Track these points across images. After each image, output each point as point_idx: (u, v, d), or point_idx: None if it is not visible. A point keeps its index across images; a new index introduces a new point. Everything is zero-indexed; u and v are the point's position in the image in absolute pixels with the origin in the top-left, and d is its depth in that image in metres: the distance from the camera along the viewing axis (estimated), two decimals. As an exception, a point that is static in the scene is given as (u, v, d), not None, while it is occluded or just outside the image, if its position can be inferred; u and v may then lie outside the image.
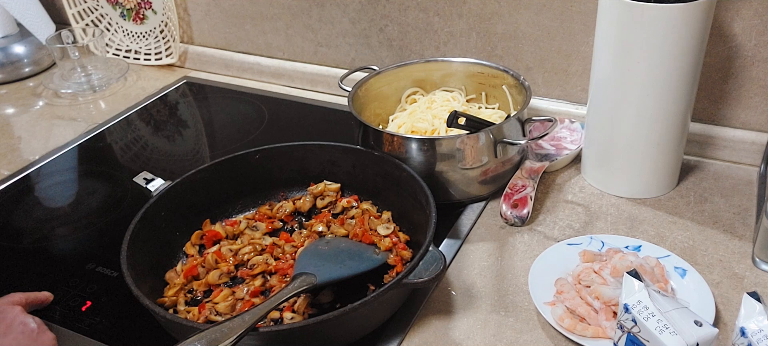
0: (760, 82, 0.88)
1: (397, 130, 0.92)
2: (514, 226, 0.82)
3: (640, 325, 0.56)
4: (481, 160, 0.82)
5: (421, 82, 1.00)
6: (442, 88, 1.00)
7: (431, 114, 0.92)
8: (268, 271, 0.74)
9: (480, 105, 0.98)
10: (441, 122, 0.90)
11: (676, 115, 0.80)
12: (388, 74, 0.98)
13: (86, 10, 1.35)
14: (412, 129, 0.91)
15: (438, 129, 0.89)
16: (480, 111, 0.96)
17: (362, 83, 0.94)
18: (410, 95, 1.00)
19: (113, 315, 0.72)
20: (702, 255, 0.76)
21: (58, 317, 0.72)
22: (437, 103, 0.95)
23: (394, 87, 0.99)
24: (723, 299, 0.69)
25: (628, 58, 0.77)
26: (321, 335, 0.62)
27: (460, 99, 0.97)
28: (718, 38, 0.87)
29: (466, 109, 0.95)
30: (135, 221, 0.72)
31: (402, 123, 0.93)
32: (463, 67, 0.98)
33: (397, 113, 0.98)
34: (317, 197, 0.85)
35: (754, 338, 0.55)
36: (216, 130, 1.13)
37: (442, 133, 0.88)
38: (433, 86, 1.00)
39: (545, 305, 0.68)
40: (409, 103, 0.99)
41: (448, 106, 0.94)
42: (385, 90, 0.98)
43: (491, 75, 0.96)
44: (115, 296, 0.75)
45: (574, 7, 0.94)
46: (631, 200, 0.86)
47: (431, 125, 0.90)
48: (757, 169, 0.90)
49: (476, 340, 0.67)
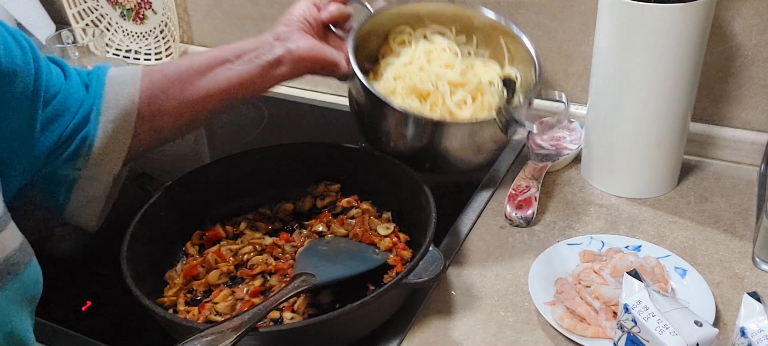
0: (761, 82, 0.88)
1: (394, 85, 0.80)
2: (519, 227, 0.82)
3: (640, 325, 0.56)
4: (489, 142, 0.78)
5: (409, 17, 0.87)
6: (430, 26, 0.87)
7: (434, 73, 0.80)
8: (268, 271, 0.74)
9: (469, 49, 0.89)
10: (445, 85, 0.79)
11: (676, 115, 0.80)
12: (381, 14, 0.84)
13: (86, 10, 1.35)
14: (413, 89, 0.79)
15: (443, 95, 0.79)
16: (471, 60, 0.86)
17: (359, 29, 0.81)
18: (397, 34, 0.87)
19: (113, 315, 0.72)
20: (702, 255, 0.76)
21: (58, 317, 0.72)
22: (436, 55, 0.83)
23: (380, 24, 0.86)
24: (723, 299, 0.69)
25: (628, 58, 0.77)
26: (321, 335, 0.62)
27: (455, 48, 0.85)
28: (718, 38, 0.87)
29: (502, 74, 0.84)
30: (135, 221, 0.72)
31: (398, 75, 0.81)
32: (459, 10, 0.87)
33: (390, 59, 0.85)
34: (317, 197, 0.85)
35: (754, 338, 0.55)
36: (216, 130, 1.13)
37: (447, 100, 0.78)
38: (419, 23, 0.87)
39: (545, 305, 0.68)
40: (397, 44, 0.86)
41: (449, 59, 0.82)
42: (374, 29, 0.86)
43: (490, 25, 0.87)
44: (115, 296, 0.75)
45: (574, 7, 0.94)
46: (631, 200, 0.86)
47: (433, 86, 0.79)
48: (757, 169, 0.90)
49: (476, 340, 0.67)
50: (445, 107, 0.79)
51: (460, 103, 0.79)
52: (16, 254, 0.53)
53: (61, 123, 0.66)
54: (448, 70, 0.81)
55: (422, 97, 0.79)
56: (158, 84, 0.71)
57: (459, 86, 0.80)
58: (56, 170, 0.67)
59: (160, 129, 0.73)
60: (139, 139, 0.71)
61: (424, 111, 0.78)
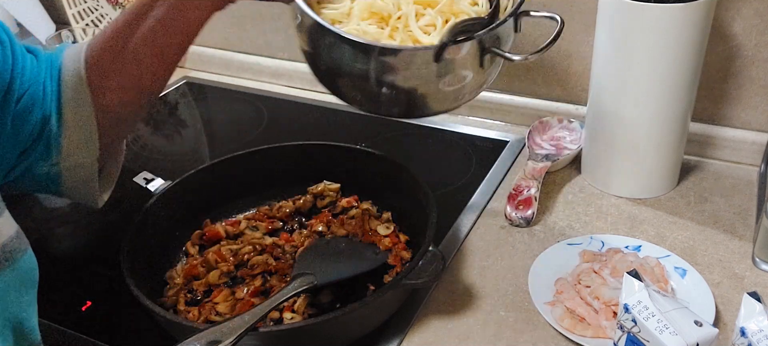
0: (761, 82, 0.88)
1: (350, 5, 0.62)
2: (519, 227, 0.82)
3: (640, 325, 0.56)
4: (463, 78, 0.60)
5: None
6: None
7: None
8: (268, 271, 0.74)
9: None
10: (410, 4, 0.61)
11: (676, 115, 0.80)
12: None
13: (86, 10, 1.35)
14: (371, 9, 0.61)
15: (407, 16, 0.60)
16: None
17: None
18: None
19: (113, 315, 0.72)
20: (702, 255, 0.76)
21: (58, 317, 0.72)
22: None
23: None
24: (723, 299, 0.69)
25: (628, 58, 0.77)
26: (321, 335, 0.62)
27: None
28: (718, 38, 0.87)
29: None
30: (135, 221, 0.72)
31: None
32: None
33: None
34: (317, 197, 0.85)
35: (754, 338, 0.55)
36: (216, 130, 1.13)
37: (411, 22, 0.60)
38: None
39: (545, 305, 0.68)
40: None
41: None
42: None
43: None
44: (115, 296, 0.75)
45: (574, 7, 0.94)
46: (631, 200, 0.86)
47: (395, 5, 0.60)
48: (757, 169, 0.90)
49: (476, 340, 0.67)
50: (407, 32, 0.60)
51: (428, 27, 0.60)
52: (13, 241, 0.53)
53: (30, 120, 0.61)
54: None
55: (384, 20, 0.61)
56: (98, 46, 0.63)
57: (428, 5, 0.61)
58: (32, 168, 0.62)
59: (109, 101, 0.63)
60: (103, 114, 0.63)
61: (379, 36, 0.59)
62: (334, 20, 0.61)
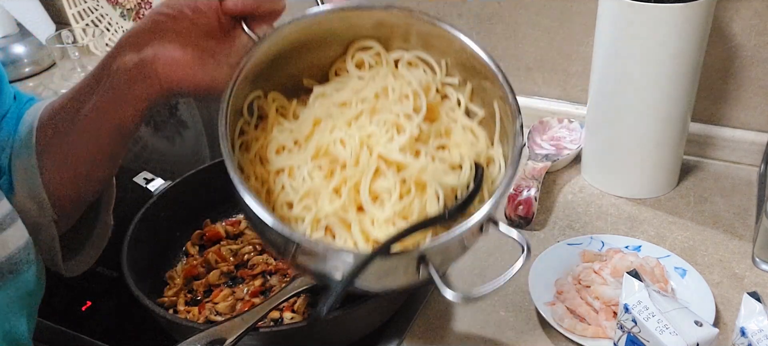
0: (760, 82, 0.88)
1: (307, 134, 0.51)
2: (519, 227, 0.82)
3: (640, 325, 0.56)
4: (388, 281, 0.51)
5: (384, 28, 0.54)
6: (412, 51, 0.55)
7: (366, 132, 0.50)
8: (268, 271, 0.74)
9: (459, 96, 0.55)
10: (372, 158, 0.49)
11: (676, 115, 0.81)
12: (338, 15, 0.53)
13: (86, 10, 1.35)
14: (325, 152, 0.50)
15: (363, 172, 0.49)
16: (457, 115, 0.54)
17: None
18: (359, 51, 0.55)
19: (113, 315, 0.73)
20: (702, 255, 0.76)
21: (58, 317, 0.72)
22: (390, 101, 0.51)
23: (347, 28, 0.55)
24: (723, 299, 0.69)
25: (628, 58, 0.77)
26: (321, 335, 0.62)
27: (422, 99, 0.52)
28: (718, 38, 0.87)
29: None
30: (135, 221, 0.72)
31: (321, 117, 0.52)
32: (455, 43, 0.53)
33: (338, 83, 0.55)
34: (317, 197, 0.85)
35: (754, 338, 0.55)
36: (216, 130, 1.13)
37: (362, 183, 0.49)
38: (398, 39, 0.55)
39: (545, 305, 0.68)
40: (355, 63, 0.55)
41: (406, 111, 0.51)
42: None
43: (486, 75, 0.53)
44: (115, 296, 0.75)
45: (574, 7, 0.94)
46: (631, 200, 0.86)
47: (355, 159, 0.49)
48: (757, 169, 0.90)
49: (476, 340, 0.67)
50: (353, 196, 0.49)
51: (382, 193, 0.49)
52: (20, 252, 0.52)
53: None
54: (390, 131, 0.50)
55: (337, 166, 0.50)
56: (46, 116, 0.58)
57: (393, 166, 0.49)
58: None
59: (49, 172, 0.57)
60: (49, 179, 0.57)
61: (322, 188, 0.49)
62: (282, 147, 0.52)
